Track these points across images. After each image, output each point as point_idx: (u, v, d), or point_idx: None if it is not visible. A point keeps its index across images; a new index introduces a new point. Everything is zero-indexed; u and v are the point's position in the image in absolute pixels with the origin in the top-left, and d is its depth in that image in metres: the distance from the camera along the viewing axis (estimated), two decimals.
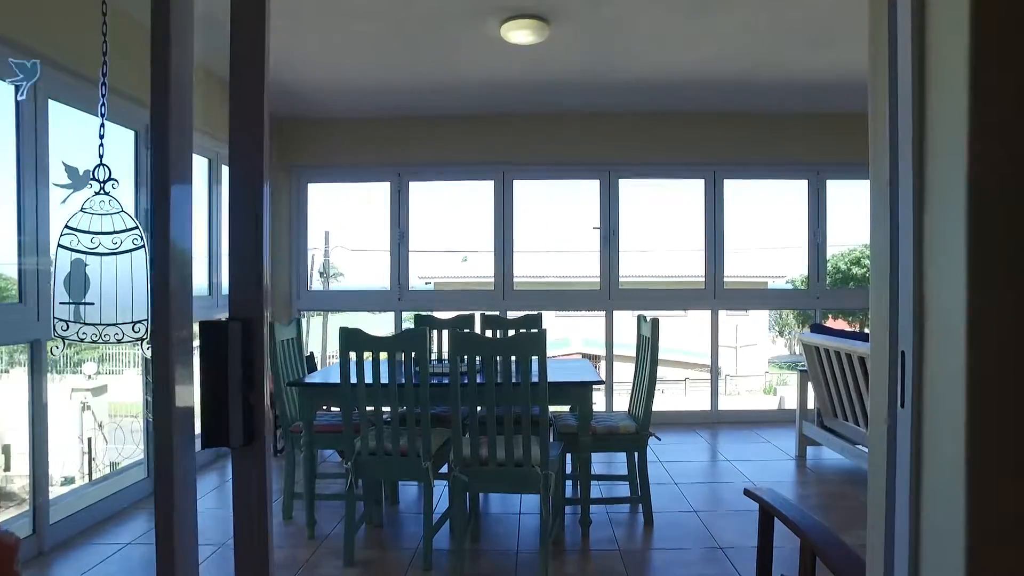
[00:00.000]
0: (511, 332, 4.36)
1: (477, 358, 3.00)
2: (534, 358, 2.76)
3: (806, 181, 5.91)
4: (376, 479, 3.32)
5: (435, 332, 4.33)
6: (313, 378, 3.44)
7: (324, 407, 3.71)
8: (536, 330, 3.79)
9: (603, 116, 5.76)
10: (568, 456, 3.53)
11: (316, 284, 12.43)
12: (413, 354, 2.98)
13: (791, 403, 14.55)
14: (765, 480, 4.21)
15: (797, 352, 22.60)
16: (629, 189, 5.97)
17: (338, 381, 2.99)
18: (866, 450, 4.15)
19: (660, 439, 3.73)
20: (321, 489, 3.96)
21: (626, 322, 6.17)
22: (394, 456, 3.02)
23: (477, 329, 4.35)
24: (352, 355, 2.96)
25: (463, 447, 2.91)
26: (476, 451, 2.89)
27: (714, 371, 5.99)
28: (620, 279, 5.91)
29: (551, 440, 3.50)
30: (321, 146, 5.94)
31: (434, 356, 3.86)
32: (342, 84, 5.02)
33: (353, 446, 3.05)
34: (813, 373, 4.59)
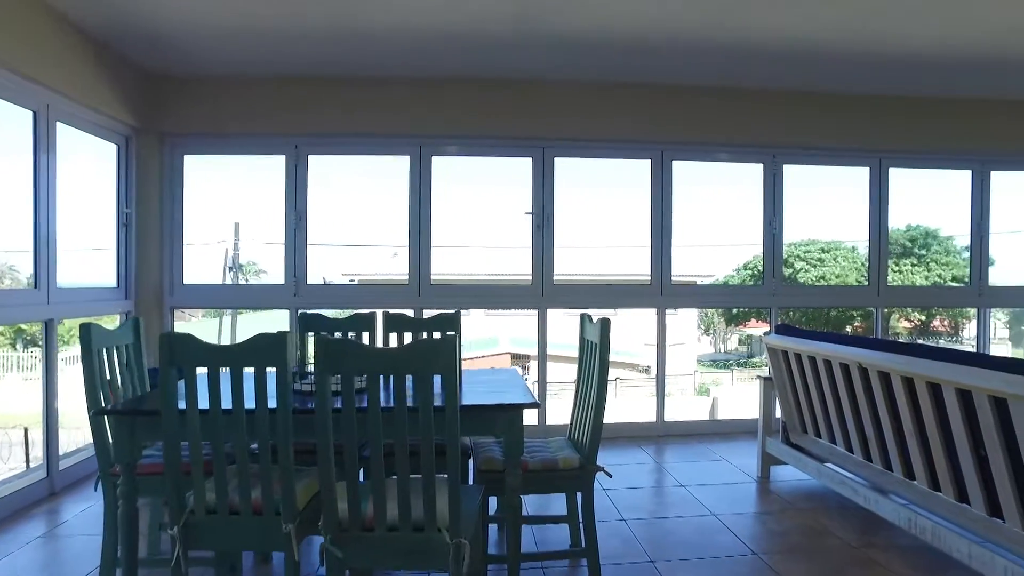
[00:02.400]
0: (424, 335, 3.51)
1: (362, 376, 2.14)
2: (437, 377, 1.92)
3: (761, 165, 5.31)
4: (217, 549, 2.37)
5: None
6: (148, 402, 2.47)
7: (150, 443, 2.74)
8: (449, 334, 2.96)
9: (538, 82, 4.97)
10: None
11: (228, 279, 11.19)
12: (272, 369, 2.09)
13: (724, 405, 14.24)
14: (727, 511, 3.53)
15: (721, 350, 22.61)
16: (566, 171, 5.21)
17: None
18: (840, 470, 3.55)
19: (611, 475, 2.96)
20: (165, 545, 2.99)
21: (559, 319, 5.41)
22: (243, 515, 2.12)
23: (379, 331, 3.47)
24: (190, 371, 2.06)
25: (337, 503, 2.03)
26: (357, 509, 2.02)
27: (660, 378, 5.31)
28: (555, 274, 5.15)
29: (468, 483, 2.68)
30: (200, 110, 4.88)
31: (310, 369, 2.95)
32: (223, 29, 4.01)
33: (182, 501, 2.13)
34: (779, 381, 3.94)
